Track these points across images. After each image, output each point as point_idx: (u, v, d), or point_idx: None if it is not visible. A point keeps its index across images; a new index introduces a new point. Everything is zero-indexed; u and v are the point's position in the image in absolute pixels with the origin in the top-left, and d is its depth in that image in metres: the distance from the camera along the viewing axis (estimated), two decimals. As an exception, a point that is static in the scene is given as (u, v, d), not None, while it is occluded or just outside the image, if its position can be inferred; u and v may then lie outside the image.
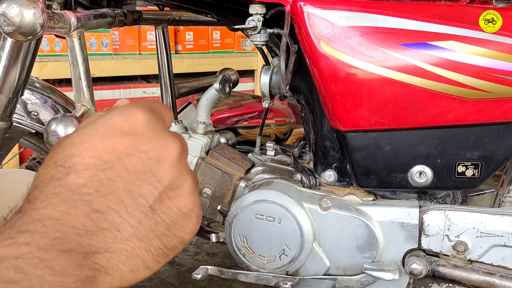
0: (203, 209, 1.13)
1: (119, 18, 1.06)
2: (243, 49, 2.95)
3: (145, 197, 0.38)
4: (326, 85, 0.93)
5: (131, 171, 0.38)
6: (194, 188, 0.41)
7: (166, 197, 0.39)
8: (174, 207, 0.39)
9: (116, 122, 0.39)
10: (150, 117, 0.40)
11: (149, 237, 0.38)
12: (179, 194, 0.40)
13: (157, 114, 0.41)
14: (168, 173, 0.39)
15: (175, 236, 0.40)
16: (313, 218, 0.99)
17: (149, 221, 0.38)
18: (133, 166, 0.38)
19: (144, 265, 0.38)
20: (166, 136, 0.40)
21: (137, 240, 0.37)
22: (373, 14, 0.90)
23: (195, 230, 0.41)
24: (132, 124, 0.39)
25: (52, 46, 2.33)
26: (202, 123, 1.18)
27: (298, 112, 1.95)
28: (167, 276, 1.65)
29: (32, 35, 0.71)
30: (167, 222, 0.39)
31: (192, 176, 0.41)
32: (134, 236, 0.37)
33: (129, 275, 0.37)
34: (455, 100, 0.91)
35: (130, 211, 0.37)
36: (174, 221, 0.39)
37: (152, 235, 0.38)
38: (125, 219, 0.37)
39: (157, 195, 0.39)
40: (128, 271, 0.37)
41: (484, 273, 0.94)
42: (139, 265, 0.38)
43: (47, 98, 1.15)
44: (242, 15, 0.99)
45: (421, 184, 0.98)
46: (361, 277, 0.99)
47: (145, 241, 0.38)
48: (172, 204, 0.39)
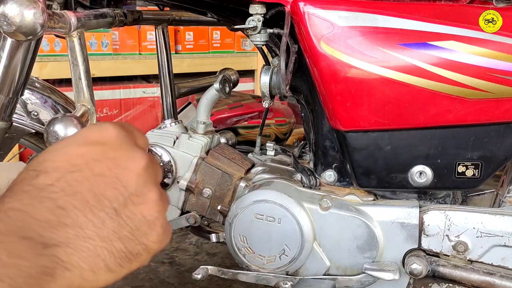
0: (203, 209, 1.13)
1: (119, 18, 1.06)
2: (243, 49, 2.95)
3: (109, 199, 0.40)
4: (326, 85, 0.93)
5: (98, 175, 0.40)
6: (160, 199, 0.43)
7: (131, 202, 0.41)
8: (139, 213, 0.41)
9: (88, 134, 0.43)
10: (120, 131, 0.43)
11: (111, 238, 0.39)
12: (144, 202, 0.42)
13: (128, 131, 0.44)
14: (133, 180, 0.41)
15: (139, 242, 0.41)
16: (313, 218, 0.99)
17: (113, 223, 0.40)
18: (100, 171, 0.40)
19: (106, 266, 0.39)
20: (134, 148, 0.43)
21: (100, 239, 0.39)
22: (373, 14, 0.90)
23: (161, 240, 0.43)
24: (102, 135, 0.42)
25: (52, 46, 2.33)
26: (202, 123, 1.18)
27: (298, 112, 1.95)
28: (167, 276, 1.65)
29: (32, 35, 0.71)
30: (130, 226, 0.41)
31: (159, 189, 0.44)
32: (96, 235, 0.39)
33: (90, 274, 0.38)
34: (455, 100, 0.91)
35: (94, 211, 0.39)
36: (138, 226, 0.41)
37: (115, 237, 0.40)
38: (89, 218, 0.39)
39: (122, 200, 0.41)
40: (88, 270, 0.38)
41: (484, 273, 0.94)
42: (101, 265, 0.39)
43: (47, 98, 1.15)
44: (242, 15, 0.99)
45: (421, 184, 0.97)
46: (361, 277, 0.99)
47: (107, 241, 0.39)
48: (137, 210, 0.41)
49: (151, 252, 0.42)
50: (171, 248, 1.84)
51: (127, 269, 0.41)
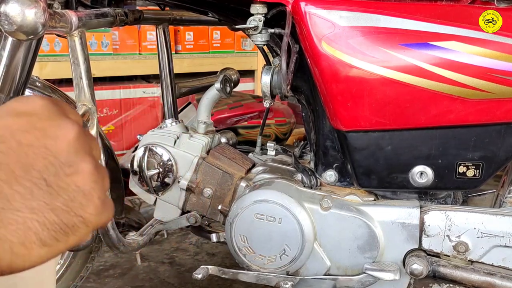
0: (204, 208, 1.13)
1: (120, 18, 1.06)
2: (243, 49, 2.95)
3: (38, 170, 0.39)
4: (327, 85, 0.93)
5: (25, 145, 0.39)
6: (95, 170, 0.41)
7: (63, 172, 0.40)
8: (72, 183, 0.40)
9: (12, 106, 0.41)
10: (48, 102, 0.41)
11: (42, 210, 0.38)
12: (77, 172, 0.40)
13: (56, 103, 0.43)
14: (64, 150, 0.40)
15: (75, 214, 0.40)
16: (313, 218, 0.99)
17: (43, 194, 0.38)
18: (27, 141, 0.39)
19: (39, 239, 0.38)
20: (63, 118, 0.42)
21: (29, 211, 0.37)
22: (374, 14, 0.90)
23: (99, 213, 0.41)
24: (28, 107, 0.41)
25: (52, 46, 2.33)
26: (203, 122, 1.18)
27: (298, 112, 1.95)
28: (167, 276, 1.65)
29: (34, 34, 0.71)
30: (64, 197, 0.39)
31: (94, 160, 0.42)
32: (25, 207, 0.37)
33: (21, 248, 0.37)
34: (456, 100, 0.91)
35: (21, 182, 0.38)
36: (72, 197, 0.40)
37: (47, 208, 0.38)
38: (16, 189, 0.37)
39: (53, 170, 0.39)
40: (19, 244, 0.37)
41: (484, 274, 0.94)
42: (32, 238, 0.37)
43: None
44: (243, 15, 0.99)
45: (422, 184, 0.97)
46: (362, 277, 0.99)
47: (38, 213, 0.38)
48: (70, 180, 0.40)
49: (89, 226, 0.41)
50: (171, 248, 1.84)
51: (64, 242, 0.39)
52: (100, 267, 1.70)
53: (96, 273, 1.66)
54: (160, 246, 1.84)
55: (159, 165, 1.13)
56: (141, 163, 1.13)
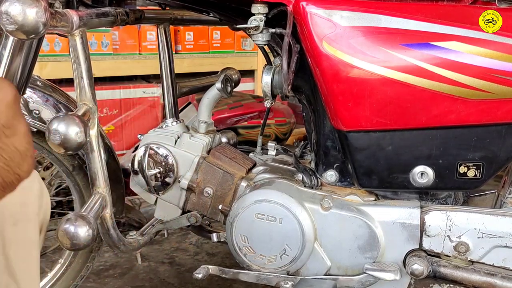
0: (204, 208, 1.13)
1: (121, 17, 1.06)
2: (243, 49, 2.95)
3: None
4: (328, 85, 0.93)
5: None
6: (28, 130, 0.44)
7: (3, 134, 0.42)
8: (11, 144, 0.42)
9: None
10: None
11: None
12: (15, 133, 0.43)
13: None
14: (3, 112, 0.42)
15: (13, 172, 0.42)
16: (314, 218, 0.99)
17: None
18: None
19: None
20: (2, 79, 0.44)
21: None
22: (376, 14, 0.90)
23: (30, 170, 0.44)
24: None
25: (52, 46, 2.33)
26: (203, 122, 1.18)
27: (298, 112, 1.95)
28: (167, 276, 1.65)
29: (35, 33, 0.70)
30: (5, 158, 0.42)
31: (25, 120, 0.45)
32: None
33: None
34: (457, 101, 0.91)
35: None
36: (12, 157, 0.42)
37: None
38: None
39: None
40: None
41: (485, 274, 0.95)
42: None
43: (49, 97, 1.14)
44: (244, 15, 0.99)
45: (422, 184, 0.98)
46: (362, 278, 0.99)
47: None
48: (9, 142, 0.42)
49: (20, 181, 0.44)
50: (171, 248, 1.84)
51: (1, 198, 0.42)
52: (100, 267, 1.70)
53: (96, 273, 1.66)
54: (160, 246, 1.84)
55: (160, 164, 1.13)
56: (141, 163, 1.13)
